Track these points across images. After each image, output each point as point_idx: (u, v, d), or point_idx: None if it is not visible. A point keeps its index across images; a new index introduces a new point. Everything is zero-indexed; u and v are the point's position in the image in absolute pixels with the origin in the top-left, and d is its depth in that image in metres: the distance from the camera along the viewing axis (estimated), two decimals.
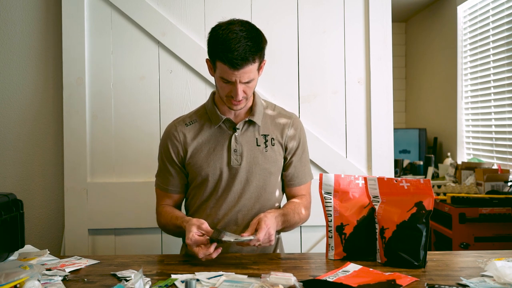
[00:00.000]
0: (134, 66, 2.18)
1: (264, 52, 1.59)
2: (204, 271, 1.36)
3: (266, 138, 1.68)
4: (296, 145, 1.72)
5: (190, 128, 1.69)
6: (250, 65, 1.52)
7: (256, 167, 1.65)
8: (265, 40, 1.59)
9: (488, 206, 3.05)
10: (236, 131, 1.66)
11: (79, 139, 2.14)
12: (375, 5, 2.19)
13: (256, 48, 1.52)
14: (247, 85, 1.56)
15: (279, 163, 1.70)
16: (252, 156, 1.65)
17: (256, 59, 1.54)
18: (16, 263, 1.37)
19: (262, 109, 1.70)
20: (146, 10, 2.15)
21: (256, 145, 1.66)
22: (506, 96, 3.65)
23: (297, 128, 1.73)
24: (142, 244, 2.17)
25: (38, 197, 2.24)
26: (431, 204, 1.41)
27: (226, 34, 1.52)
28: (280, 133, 1.70)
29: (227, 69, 1.52)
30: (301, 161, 1.74)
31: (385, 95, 2.20)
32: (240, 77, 1.53)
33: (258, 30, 1.57)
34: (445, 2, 4.64)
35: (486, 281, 1.25)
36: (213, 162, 1.65)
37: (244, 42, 1.50)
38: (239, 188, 1.65)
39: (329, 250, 1.53)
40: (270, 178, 1.68)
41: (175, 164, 1.70)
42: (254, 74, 1.56)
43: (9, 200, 1.42)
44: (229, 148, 1.65)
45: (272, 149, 1.68)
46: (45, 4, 2.21)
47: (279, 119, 1.72)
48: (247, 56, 1.50)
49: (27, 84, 2.22)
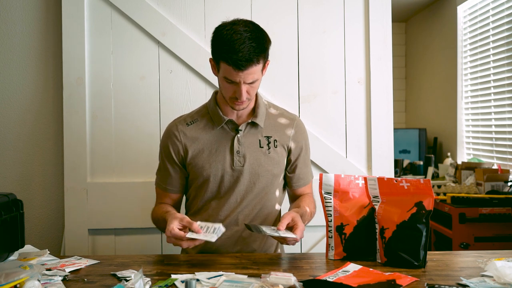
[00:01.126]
0: (134, 66, 2.18)
1: (268, 52, 1.59)
2: (204, 271, 1.36)
3: (269, 139, 1.68)
4: (300, 148, 1.72)
5: (191, 127, 1.69)
6: (255, 66, 1.52)
7: (259, 169, 1.65)
8: (269, 41, 1.58)
9: (488, 206, 3.05)
10: (239, 132, 1.65)
11: (79, 139, 2.14)
12: (375, 5, 2.19)
13: (261, 49, 1.52)
14: (251, 85, 1.56)
15: (282, 165, 1.70)
16: (255, 158, 1.65)
17: (261, 60, 1.53)
18: (16, 263, 1.37)
19: (264, 110, 1.70)
20: (146, 10, 2.15)
21: (259, 147, 1.66)
22: (506, 96, 3.65)
23: (300, 130, 1.74)
24: (142, 244, 2.17)
25: (38, 197, 2.24)
26: (431, 204, 1.41)
27: (230, 34, 1.51)
28: (283, 134, 1.70)
29: (231, 70, 1.51)
30: (305, 163, 1.75)
31: (385, 95, 2.20)
32: (244, 78, 1.52)
33: (262, 31, 1.57)
34: (445, 2, 4.64)
35: (486, 281, 1.25)
36: (215, 164, 1.64)
37: (248, 43, 1.49)
38: (242, 190, 1.65)
39: (329, 250, 1.53)
40: (272, 179, 1.67)
41: (175, 164, 1.69)
42: (258, 75, 1.55)
43: (9, 200, 1.42)
44: (231, 150, 1.65)
45: (275, 151, 1.67)
46: (45, 4, 2.21)
47: (282, 120, 1.72)
48: (251, 57, 1.49)
49: (27, 84, 2.22)
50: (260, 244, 1.69)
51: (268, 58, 1.60)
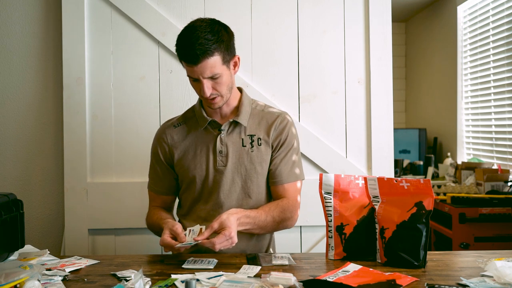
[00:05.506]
0: (134, 66, 2.18)
1: (231, 46, 1.56)
2: (204, 271, 1.35)
3: (253, 138, 1.66)
4: (281, 143, 1.67)
5: (177, 130, 1.70)
6: (209, 59, 1.49)
7: (241, 168, 1.64)
8: (228, 34, 1.55)
9: (488, 206, 3.05)
10: (222, 132, 1.65)
11: (79, 139, 2.14)
12: (375, 5, 2.19)
13: (215, 41, 1.49)
14: (215, 81, 1.53)
15: (266, 163, 1.67)
16: (238, 157, 1.64)
17: (216, 53, 1.50)
18: (16, 263, 1.37)
19: (249, 109, 1.68)
20: (146, 10, 2.15)
21: (241, 146, 1.65)
22: (506, 96, 3.65)
23: (283, 125, 1.68)
24: (142, 244, 2.17)
25: (38, 197, 2.24)
26: (431, 204, 1.41)
27: (185, 30, 1.52)
28: (266, 132, 1.67)
29: (187, 65, 1.51)
30: (286, 160, 1.67)
31: (385, 95, 2.20)
32: (201, 73, 1.50)
33: (220, 24, 1.55)
34: (445, 2, 4.64)
35: (486, 281, 1.25)
36: (199, 164, 1.65)
37: (202, 35, 1.48)
38: (226, 189, 1.65)
39: (329, 250, 1.53)
40: (257, 178, 1.66)
41: (164, 166, 1.72)
42: (219, 69, 1.52)
43: (9, 200, 1.42)
44: (214, 150, 1.65)
45: (258, 149, 1.65)
46: (45, 4, 2.21)
47: (267, 118, 1.69)
48: (204, 49, 1.47)
49: (27, 84, 2.22)
50: (247, 244, 1.66)
51: (234, 53, 1.58)
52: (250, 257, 1.51)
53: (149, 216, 1.72)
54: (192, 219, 1.68)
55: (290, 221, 1.65)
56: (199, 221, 1.63)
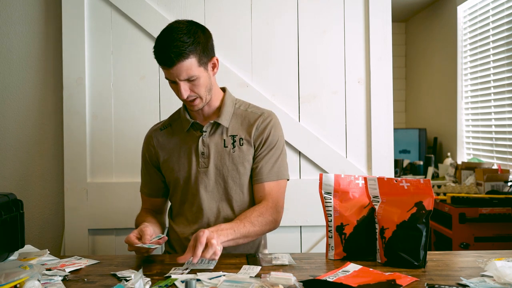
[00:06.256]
0: (134, 66, 2.18)
1: (208, 47, 1.55)
2: (205, 271, 1.35)
3: (234, 138, 1.65)
4: (262, 141, 1.65)
5: (163, 133, 1.72)
6: (185, 61, 1.48)
7: (223, 169, 1.63)
8: (205, 36, 1.54)
9: (488, 206, 3.05)
10: (203, 134, 1.65)
11: (79, 139, 2.14)
12: (375, 4, 2.19)
13: (191, 43, 1.48)
14: (192, 83, 1.53)
15: (248, 163, 1.65)
16: (219, 158, 1.64)
17: (191, 55, 1.48)
18: (16, 263, 1.37)
19: (231, 110, 1.67)
20: (146, 10, 2.15)
21: (223, 147, 1.64)
22: (506, 96, 3.65)
23: (265, 124, 1.66)
24: None
25: (38, 197, 2.24)
26: (431, 204, 1.41)
27: (162, 32, 1.52)
28: (248, 131, 1.65)
29: (163, 68, 1.51)
30: (267, 157, 1.65)
31: (385, 95, 2.20)
32: (177, 75, 1.49)
33: (198, 26, 1.54)
34: (445, 2, 4.64)
35: (486, 281, 1.25)
36: (183, 166, 1.66)
37: (178, 37, 1.47)
38: (209, 191, 1.65)
39: (329, 250, 1.53)
40: (239, 179, 1.65)
41: (152, 169, 1.74)
42: (195, 71, 1.51)
43: (9, 200, 1.42)
44: (196, 151, 1.65)
45: (240, 149, 1.64)
46: (45, 4, 2.21)
47: (249, 117, 1.68)
48: (179, 52, 1.46)
49: (27, 84, 2.22)
50: (235, 248, 1.64)
51: (212, 55, 1.57)
52: (250, 257, 1.51)
53: (136, 218, 1.75)
54: (181, 221, 1.69)
55: (273, 224, 1.63)
56: (187, 223, 1.66)
